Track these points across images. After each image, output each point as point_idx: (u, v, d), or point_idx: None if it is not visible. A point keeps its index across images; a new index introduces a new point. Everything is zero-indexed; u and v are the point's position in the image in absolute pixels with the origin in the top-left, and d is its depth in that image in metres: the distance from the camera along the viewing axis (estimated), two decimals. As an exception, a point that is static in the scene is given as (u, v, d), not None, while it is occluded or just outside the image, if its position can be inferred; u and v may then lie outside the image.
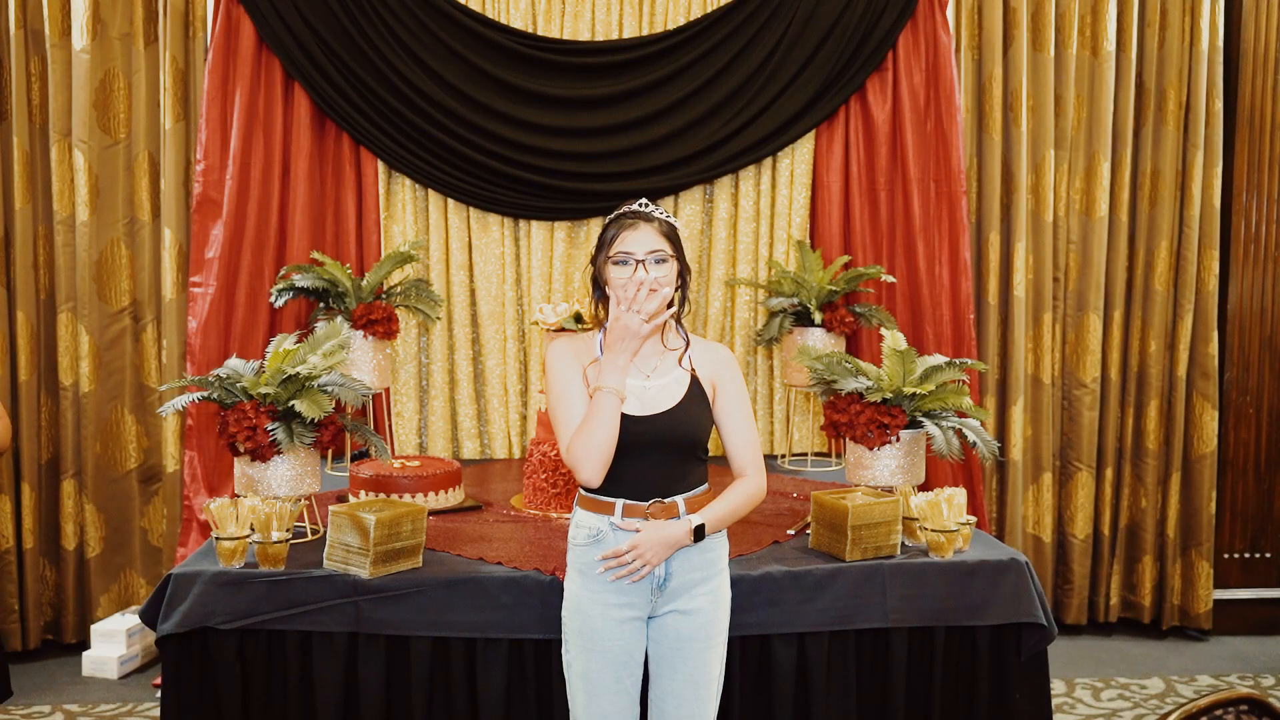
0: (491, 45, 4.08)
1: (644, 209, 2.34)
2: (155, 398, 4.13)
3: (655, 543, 2.25)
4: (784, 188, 4.25)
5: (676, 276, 2.33)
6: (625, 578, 2.26)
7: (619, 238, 2.30)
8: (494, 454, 4.24)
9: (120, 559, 4.18)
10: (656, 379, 2.33)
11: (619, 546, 2.27)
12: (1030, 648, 2.82)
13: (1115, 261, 4.40)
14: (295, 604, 2.62)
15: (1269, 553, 4.55)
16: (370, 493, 3.13)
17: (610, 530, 2.29)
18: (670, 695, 2.31)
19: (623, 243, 2.29)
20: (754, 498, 2.36)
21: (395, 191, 4.18)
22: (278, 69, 4.02)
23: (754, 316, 4.28)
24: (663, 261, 2.29)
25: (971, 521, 2.92)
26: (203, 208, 3.98)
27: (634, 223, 2.30)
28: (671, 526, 2.26)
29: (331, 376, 2.91)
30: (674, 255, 2.32)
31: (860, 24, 4.11)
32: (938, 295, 4.20)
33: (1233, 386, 4.47)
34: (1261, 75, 4.35)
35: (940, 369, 3.02)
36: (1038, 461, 4.41)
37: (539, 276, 4.21)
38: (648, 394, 2.30)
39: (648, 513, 2.27)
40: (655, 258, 2.28)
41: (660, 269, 2.28)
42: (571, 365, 2.33)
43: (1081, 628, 4.49)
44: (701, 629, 2.31)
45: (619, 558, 2.25)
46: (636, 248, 2.28)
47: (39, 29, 4.01)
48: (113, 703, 3.69)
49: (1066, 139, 4.34)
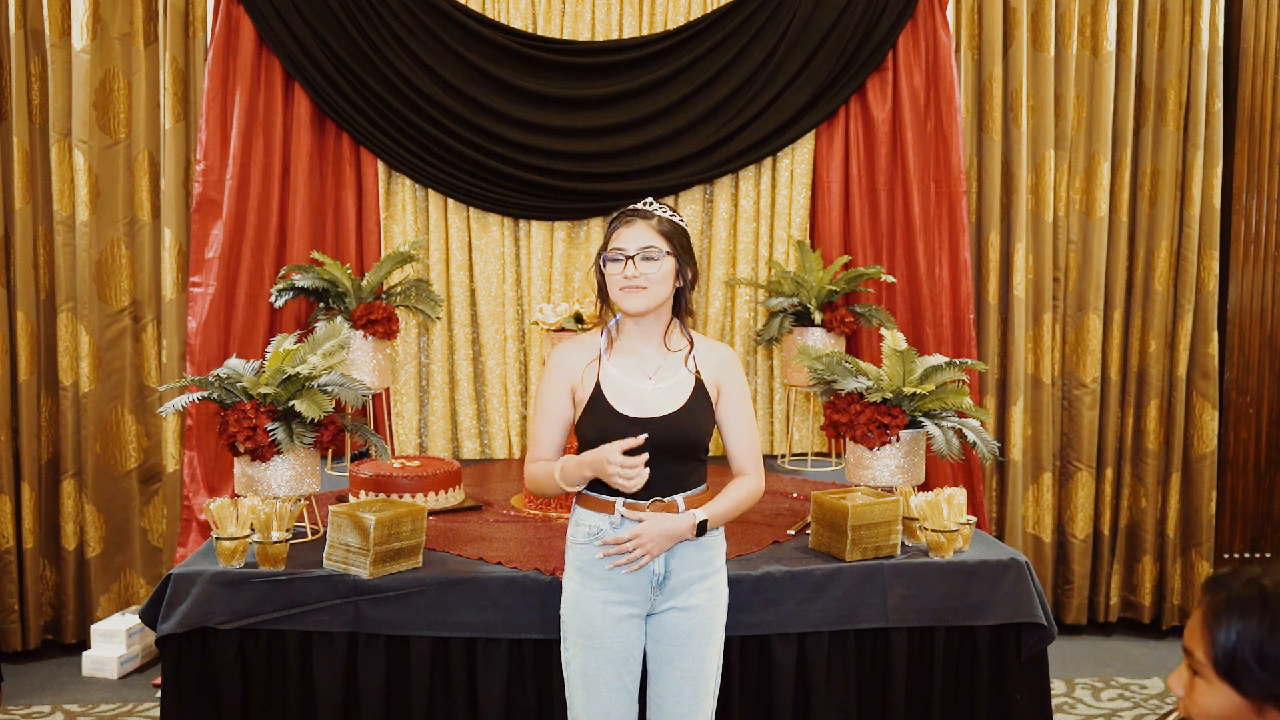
0: (491, 45, 4.08)
1: (645, 206, 2.33)
2: (155, 398, 4.13)
3: (657, 534, 2.25)
4: (784, 188, 4.25)
5: (675, 275, 2.30)
6: (624, 567, 2.26)
7: (615, 234, 2.30)
8: (494, 454, 4.24)
9: (120, 559, 4.18)
10: (659, 381, 2.32)
11: (620, 534, 2.27)
12: (1030, 648, 2.82)
13: (1115, 261, 4.40)
14: (295, 604, 2.61)
15: (1269, 553, 4.55)
16: (370, 493, 3.13)
17: (610, 528, 2.29)
18: (669, 692, 2.32)
19: (617, 239, 2.29)
20: (754, 495, 2.38)
21: (395, 191, 4.18)
22: (278, 69, 4.02)
23: (754, 316, 4.28)
24: (652, 259, 2.26)
25: (971, 521, 2.92)
26: (203, 208, 3.98)
27: (631, 219, 2.30)
28: (674, 519, 2.27)
29: (331, 376, 2.91)
30: (671, 253, 2.28)
31: (860, 24, 4.11)
32: (938, 295, 4.20)
33: (1233, 386, 4.47)
34: (1261, 75, 4.35)
35: (940, 369, 3.02)
36: (1038, 461, 4.41)
37: (539, 276, 4.21)
38: (651, 396, 2.30)
39: (648, 512, 2.28)
40: (645, 254, 2.26)
41: (649, 266, 2.26)
42: (559, 381, 2.35)
43: (1081, 628, 4.49)
44: (700, 626, 2.32)
45: (619, 546, 2.25)
46: (628, 244, 2.27)
47: (39, 29, 4.01)
48: (113, 703, 3.69)
49: (1066, 139, 4.34)
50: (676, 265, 2.30)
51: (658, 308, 2.31)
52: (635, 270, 2.25)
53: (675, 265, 2.30)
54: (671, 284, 2.30)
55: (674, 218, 2.33)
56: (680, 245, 2.30)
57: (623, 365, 2.33)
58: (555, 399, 2.36)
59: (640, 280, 2.26)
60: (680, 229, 2.33)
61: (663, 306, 2.32)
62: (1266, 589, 1.28)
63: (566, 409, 2.36)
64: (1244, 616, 1.28)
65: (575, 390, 2.35)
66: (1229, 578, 1.33)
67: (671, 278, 2.30)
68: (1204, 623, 1.32)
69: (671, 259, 2.29)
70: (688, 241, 2.33)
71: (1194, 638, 1.33)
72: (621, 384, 2.31)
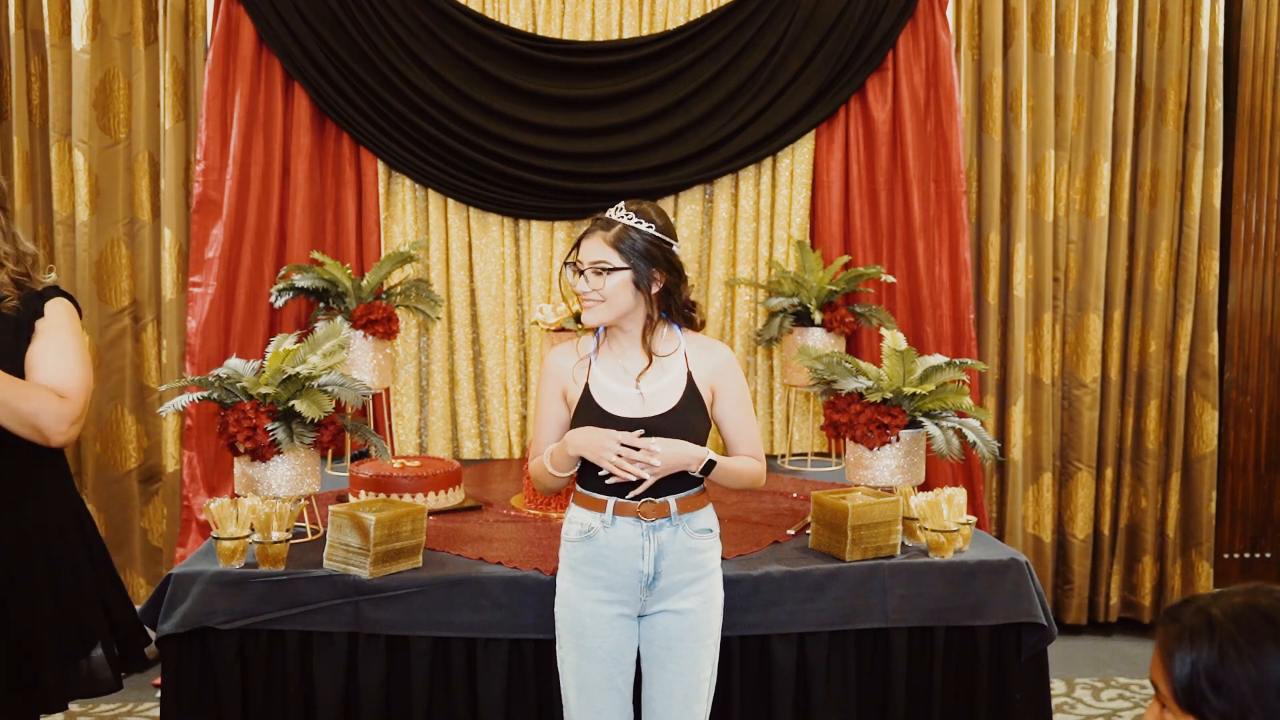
0: (491, 45, 4.08)
1: (610, 215, 2.29)
2: (155, 398, 4.13)
3: (670, 454, 2.22)
4: (784, 188, 4.25)
5: (634, 286, 2.25)
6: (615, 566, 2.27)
7: (579, 244, 2.31)
8: (494, 454, 4.24)
9: (120, 559, 4.17)
10: (647, 384, 2.31)
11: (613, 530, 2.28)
12: (1030, 648, 2.82)
13: (1115, 261, 4.40)
14: (295, 604, 2.61)
15: (1269, 553, 4.55)
16: (370, 493, 3.13)
17: (602, 527, 2.29)
18: (661, 695, 2.32)
19: (580, 250, 2.29)
20: (758, 475, 2.38)
21: (395, 191, 4.18)
22: (278, 69, 4.02)
23: (754, 316, 4.28)
24: (602, 273, 2.24)
25: (971, 521, 2.92)
26: (203, 208, 3.98)
27: (592, 231, 2.28)
28: (688, 447, 2.25)
29: (331, 376, 2.91)
30: (624, 266, 2.23)
31: (860, 24, 4.10)
32: (937, 295, 4.20)
33: (1233, 386, 4.47)
34: (1261, 75, 4.35)
35: (940, 369, 3.02)
36: (1038, 461, 4.41)
37: (539, 276, 4.21)
38: (638, 399, 2.30)
39: (639, 511, 2.28)
40: (595, 268, 2.25)
41: (599, 280, 2.24)
42: (553, 383, 2.38)
43: (1081, 628, 4.48)
44: (692, 629, 2.32)
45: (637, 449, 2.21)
46: (584, 256, 2.28)
47: (39, 29, 4.01)
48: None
49: (1066, 139, 4.34)
50: (634, 276, 2.25)
51: (622, 317, 2.29)
52: (587, 285, 2.26)
53: (632, 277, 2.25)
54: (631, 294, 2.26)
55: (639, 224, 2.26)
56: (641, 255, 2.24)
57: (610, 369, 2.34)
58: (550, 402, 2.39)
59: (592, 295, 2.25)
60: (647, 237, 2.25)
61: (629, 315, 2.29)
62: (1214, 617, 1.30)
63: (562, 411, 2.39)
64: (1194, 646, 1.29)
65: (567, 393, 2.36)
66: (1180, 609, 1.34)
67: (628, 289, 2.25)
68: (1160, 657, 1.33)
69: (626, 272, 2.24)
70: (658, 249, 2.26)
71: (1156, 672, 1.34)
72: (608, 388, 2.32)
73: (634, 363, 2.33)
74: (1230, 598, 1.32)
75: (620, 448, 2.20)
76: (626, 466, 2.20)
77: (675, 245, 2.32)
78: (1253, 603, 1.30)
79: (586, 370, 2.34)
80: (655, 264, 2.27)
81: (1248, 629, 1.27)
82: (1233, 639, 1.27)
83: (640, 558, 2.29)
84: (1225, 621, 1.29)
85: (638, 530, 2.29)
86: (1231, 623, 1.28)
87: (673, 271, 2.30)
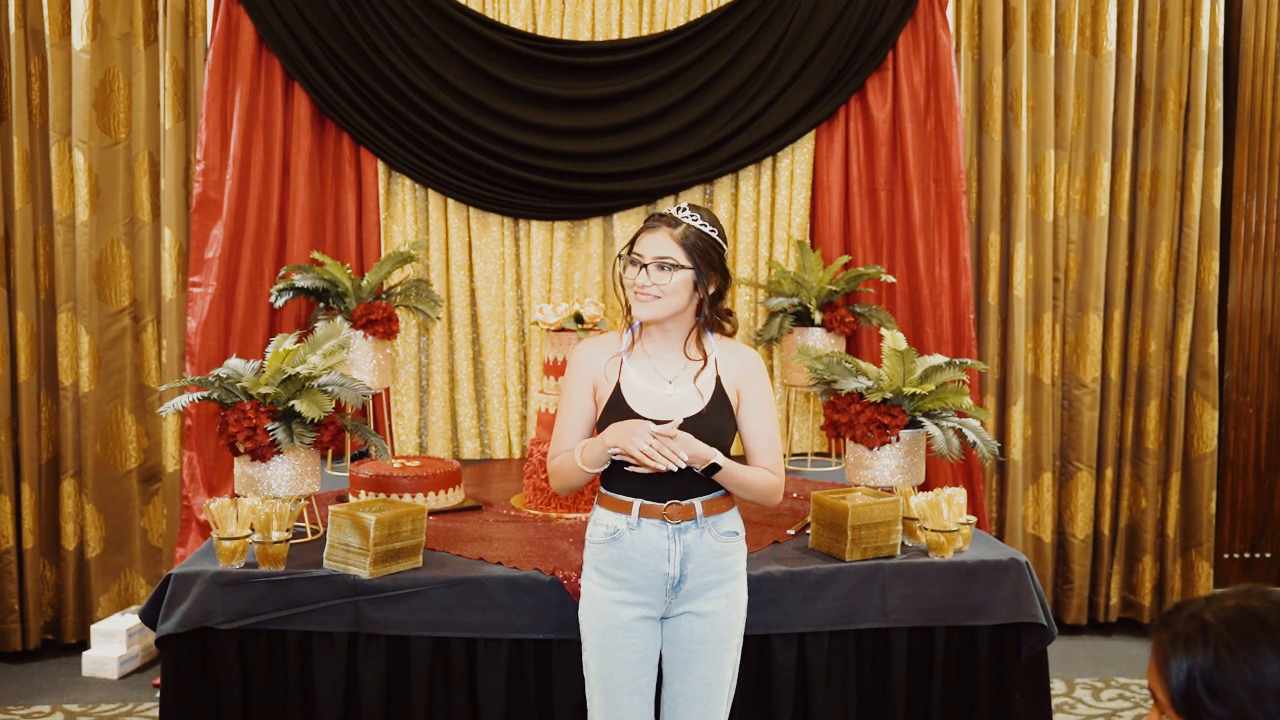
0: (491, 45, 4.08)
1: (675, 213, 2.29)
2: (155, 398, 4.13)
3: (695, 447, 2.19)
4: (784, 188, 4.25)
5: (693, 286, 2.26)
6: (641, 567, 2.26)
7: (639, 238, 2.29)
8: (494, 454, 4.24)
9: (120, 559, 4.18)
10: (678, 386, 2.30)
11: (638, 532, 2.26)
12: (1030, 648, 2.82)
13: (1115, 261, 4.40)
14: (295, 604, 2.62)
15: (1269, 553, 4.55)
16: (370, 493, 3.13)
17: (628, 529, 2.28)
18: (682, 696, 2.31)
19: (640, 243, 2.28)
20: (771, 487, 2.32)
21: (395, 191, 4.18)
22: (278, 69, 4.02)
23: (754, 316, 4.28)
24: (667, 269, 2.24)
25: (971, 521, 2.92)
26: (203, 208, 3.98)
27: (656, 225, 2.28)
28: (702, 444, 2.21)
29: (331, 376, 2.91)
30: (689, 265, 2.24)
31: (860, 24, 4.10)
32: (937, 295, 4.20)
33: (1233, 386, 4.47)
34: (1261, 75, 4.35)
35: (940, 369, 3.02)
36: (1038, 461, 4.41)
37: (539, 276, 4.21)
38: (669, 401, 2.28)
39: (664, 514, 2.27)
40: (659, 263, 2.24)
41: (662, 275, 2.23)
42: (583, 377, 2.35)
43: (1081, 628, 4.48)
44: (715, 632, 2.31)
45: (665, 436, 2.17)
46: (645, 250, 2.26)
47: (39, 29, 4.01)
48: (113, 703, 3.69)
49: (1066, 139, 4.34)
50: (695, 277, 2.26)
51: (673, 316, 2.28)
52: (648, 279, 2.24)
53: (693, 277, 2.26)
54: (688, 295, 2.27)
55: (704, 228, 2.27)
56: (702, 257, 2.25)
57: (642, 368, 2.32)
58: (578, 397, 2.35)
59: (652, 289, 2.24)
60: (708, 240, 2.27)
61: (681, 315, 2.29)
62: (1207, 622, 1.29)
63: (589, 407, 2.35)
64: (1189, 652, 1.28)
65: (598, 388, 2.34)
66: (1173, 615, 1.34)
67: (687, 289, 2.26)
68: (1156, 664, 1.33)
69: (689, 271, 2.25)
70: (716, 254, 2.28)
71: (1153, 680, 1.34)
72: (640, 388, 2.30)
73: (666, 363, 2.32)
74: (1223, 601, 1.31)
75: (650, 438, 2.16)
76: (655, 457, 2.16)
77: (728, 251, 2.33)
78: (1245, 605, 1.30)
79: (619, 368, 2.32)
80: (713, 267, 2.28)
81: (1241, 632, 1.27)
82: (1227, 643, 1.26)
83: (666, 560, 2.27)
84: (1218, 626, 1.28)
85: (663, 533, 2.27)
86: (1225, 627, 1.28)
87: (725, 277, 2.32)
